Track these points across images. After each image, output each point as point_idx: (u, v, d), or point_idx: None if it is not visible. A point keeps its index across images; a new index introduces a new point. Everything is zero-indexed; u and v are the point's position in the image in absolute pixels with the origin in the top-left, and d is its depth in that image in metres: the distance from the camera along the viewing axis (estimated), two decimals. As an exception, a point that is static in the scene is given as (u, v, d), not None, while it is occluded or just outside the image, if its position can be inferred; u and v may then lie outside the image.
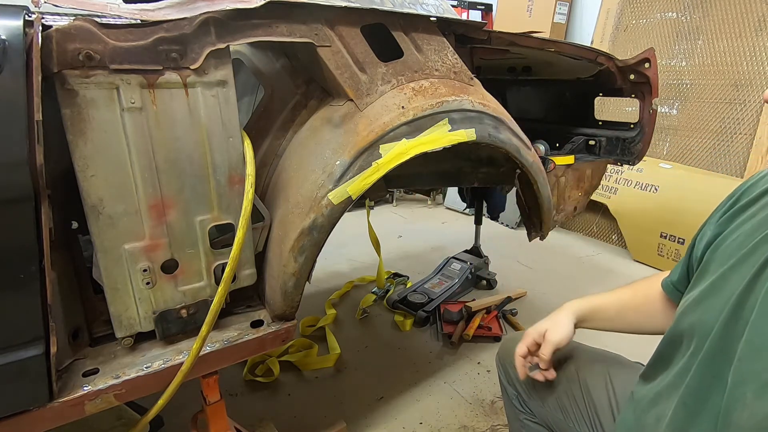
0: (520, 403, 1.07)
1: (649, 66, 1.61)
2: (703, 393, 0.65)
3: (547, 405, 1.01)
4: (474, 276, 2.55)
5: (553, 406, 1.00)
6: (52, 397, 0.80)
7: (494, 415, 1.64)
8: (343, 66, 1.02)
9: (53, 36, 0.72)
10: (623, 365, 0.98)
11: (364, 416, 1.62)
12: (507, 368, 1.09)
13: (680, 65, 3.01)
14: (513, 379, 1.08)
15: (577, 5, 3.84)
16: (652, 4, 3.15)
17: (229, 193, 0.93)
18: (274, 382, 1.76)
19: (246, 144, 0.93)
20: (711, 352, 0.65)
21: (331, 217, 0.98)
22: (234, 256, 0.89)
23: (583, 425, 0.96)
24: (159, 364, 0.90)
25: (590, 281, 2.70)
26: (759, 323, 0.60)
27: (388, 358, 1.95)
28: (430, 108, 1.06)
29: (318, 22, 0.99)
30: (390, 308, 2.31)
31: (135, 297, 0.88)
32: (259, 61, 1.26)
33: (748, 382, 0.59)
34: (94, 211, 0.80)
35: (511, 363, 1.08)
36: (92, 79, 0.75)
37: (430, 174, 1.51)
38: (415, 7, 1.13)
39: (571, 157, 1.65)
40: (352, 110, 1.04)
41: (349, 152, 0.99)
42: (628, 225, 3.08)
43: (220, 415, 1.07)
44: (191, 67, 0.83)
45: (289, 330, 1.05)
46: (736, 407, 0.60)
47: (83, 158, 0.77)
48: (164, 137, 0.84)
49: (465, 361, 1.94)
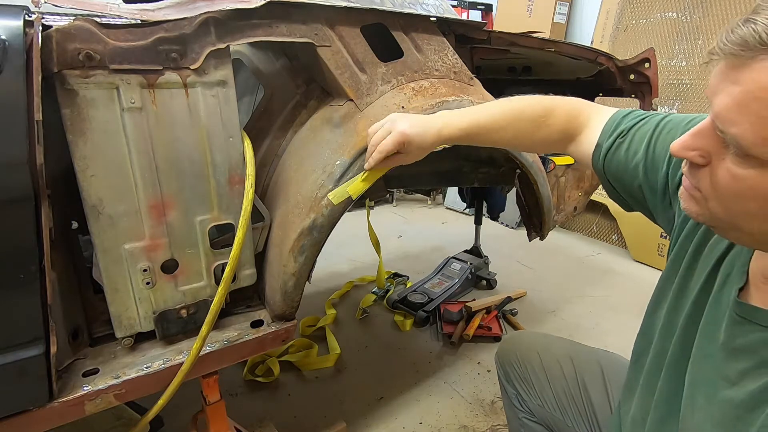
0: (519, 402, 1.07)
1: (649, 66, 1.61)
2: (672, 396, 0.65)
3: (546, 404, 1.01)
4: (474, 276, 2.55)
5: (552, 406, 1.00)
6: (52, 397, 0.80)
7: (494, 415, 1.64)
8: (343, 66, 1.02)
9: (53, 36, 0.72)
10: (622, 365, 0.98)
11: (364, 416, 1.62)
12: (506, 368, 1.09)
13: (680, 65, 3.01)
14: (512, 379, 1.08)
15: (577, 5, 3.84)
16: (652, 4, 3.15)
17: (229, 193, 0.93)
18: (274, 382, 1.76)
19: (246, 144, 0.93)
20: (676, 354, 0.65)
21: (331, 217, 0.98)
22: (234, 256, 0.89)
23: (582, 425, 0.96)
24: (159, 364, 0.90)
25: (590, 281, 2.70)
26: (706, 330, 0.61)
27: (388, 358, 1.95)
28: (430, 108, 1.06)
29: (318, 22, 0.99)
30: (390, 308, 2.31)
31: (135, 297, 0.88)
32: (259, 61, 1.26)
33: (699, 386, 0.60)
34: (94, 211, 0.80)
35: (510, 363, 1.08)
36: (92, 79, 0.75)
37: (430, 174, 1.51)
38: (415, 7, 1.13)
39: (571, 157, 1.65)
40: (352, 110, 1.04)
41: (349, 152, 0.98)
42: (628, 225, 3.08)
43: (220, 415, 1.06)
44: (191, 67, 0.83)
45: (289, 330, 1.05)
46: (688, 411, 0.60)
47: (83, 158, 0.77)
48: (164, 137, 0.84)
49: (465, 361, 1.94)
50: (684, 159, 0.52)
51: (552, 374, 1.01)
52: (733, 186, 0.47)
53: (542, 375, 1.02)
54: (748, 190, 0.46)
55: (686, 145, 0.51)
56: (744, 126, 0.43)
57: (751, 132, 0.43)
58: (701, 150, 0.50)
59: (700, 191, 0.52)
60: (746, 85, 0.43)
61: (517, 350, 1.08)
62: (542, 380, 1.02)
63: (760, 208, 0.46)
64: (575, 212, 1.79)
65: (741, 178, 0.46)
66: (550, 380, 1.01)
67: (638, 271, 2.88)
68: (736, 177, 0.46)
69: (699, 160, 0.50)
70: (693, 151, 0.50)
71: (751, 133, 0.43)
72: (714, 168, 0.49)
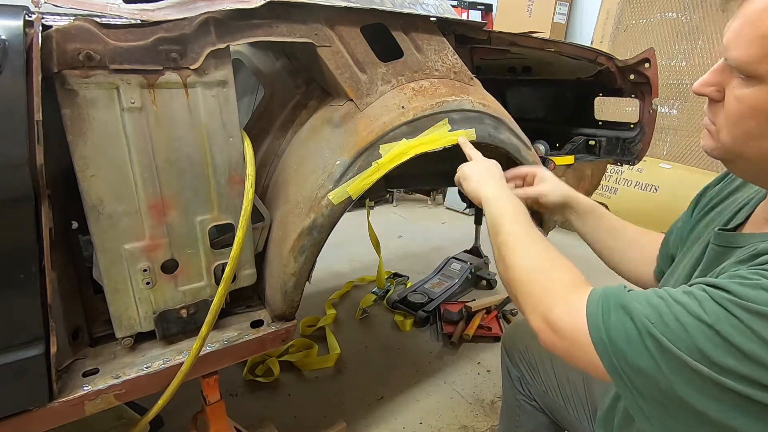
0: (522, 385, 1.10)
1: (649, 66, 1.61)
2: None
3: (550, 391, 1.03)
4: (474, 276, 2.55)
5: (555, 394, 1.02)
6: (52, 397, 0.80)
7: (494, 415, 1.64)
8: (343, 66, 1.02)
9: (53, 36, 0.72)
10: None
11: (364, 416, 1.62)
12: (513, 351, 1.12)
13: (680, 65, 3.01)
14: (518, 362, 1.10)
15: (577, 5, 3.84)
16: (652, 4, 3.15)
17: (229, 193, 0.93)
18: (274, 382, 1.76)
19: (246, 144, 0.93)
20: None
21: (331, 217, 0.98)
22: (234, 256, 0.89)
23: (582, 414, 0.97)
24: (159, 364, 0.90)
25: (590, 281, 2.69)
26: None
27: (388, 358, 1.95)
28: (430, 108, 1.06)
29: (318, 22, 0.99)
30: (390, 308, 2.31)
31: (135, 297, 0.88)
32: (259, 61, 1.26)
33: None
34: (94, 211, 0.80)
35: (518, 347, 1.10)
36: (92, 79, 0.75)
37: (430, 174, 1.51)
38: (415, 7, 1.13)
39: (571, 157, 1.65)
40: (352, 110, 1.04)
41: (349, 152, 0.98)
42: (628, 225, 3.08)
43: (220, 415, 1.06)
44: (191, 67, 0.83)
45: (289, 330, 1.05)
46: None
47: (83, 158, 0.77)
48: (164, 137, 0.83)
49: (465, 361, 1.94)
50: (704, 95, 0.60)
51: (557, 362, 1.03)
52: (737, 108, 0.55)
53: (548, 364, 1.05)
54: (748, 108, 0.54)
55: (705, 81, 0.59)
56: (740, 48, 0.53)
57: (744, 52, 0.52)
58: (717, 84, 0.58)
59: (714, 125, 0.60)
60: (743, 16, 0.53)
61: (526, 335, 1.10)
62: (548, 368, 1.04)
63: (757, 124, 0.54)
64: (575, 212, 1.79)
65: (743, 98, 0.54)
66: (555, 369, 1.03)
67: (638, 271, 2.88)
68: (739, 98, 0.55)
69: (715, 95, 0.59)
70: (710, 87, 0.59)
71: (744, 53, 0.52)
72: (726, 100, 0.57)
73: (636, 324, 0.52)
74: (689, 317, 0.49)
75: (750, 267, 0.52)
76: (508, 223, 0.77)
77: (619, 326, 0.54)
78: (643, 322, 0.52)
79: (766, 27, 0.51)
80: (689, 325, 0.49)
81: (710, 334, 0.47)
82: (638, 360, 0.51)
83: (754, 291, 0.47)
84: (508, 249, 0.73)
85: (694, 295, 0.51)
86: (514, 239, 0.74)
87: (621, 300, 0.55)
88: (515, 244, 0.73)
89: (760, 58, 0.51)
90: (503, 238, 0.75)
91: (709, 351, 0.47)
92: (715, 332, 0.47)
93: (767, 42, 0.50)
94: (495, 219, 0.80)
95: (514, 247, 0.72)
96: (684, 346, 0.48)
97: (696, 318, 0.49)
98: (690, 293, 0.52)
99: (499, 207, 0.81)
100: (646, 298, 0.54)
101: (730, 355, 0.46)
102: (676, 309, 0.51)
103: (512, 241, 0.73)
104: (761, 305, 0.46)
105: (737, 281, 0.49)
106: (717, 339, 0.47)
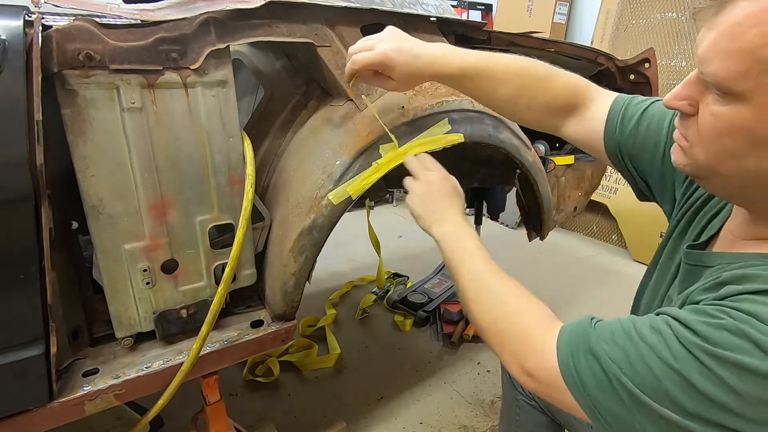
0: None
1: (649, 66, 1.61)
2: None
3: None
4: (474, 276, 2.54)
5: None
6: (52, 397, 0.80)
7: (494, 415, 1.64)
8: (343, 66, 1.02)
9: (53, 36, 0.72)
10: None
11: (364, 416, 1.62)
12: None
13: (680, 65, 3.01)
14: None
15: (577, 5, 3.84)
16: (652, 4, 3.15)
17: (229, 193, 0.93)
18: (274, 382, 1.76)
19: (246, 144, 0.93)
20: None
21: (331, 217, 0.98)
22: (234, 256, 0.90)
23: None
24: (159, 364, 0.90)
25: (590, 281, 2.70)
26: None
27: (388, 358, 1.95)
28: (430, 108, 1.06)
29: (318, 22, 0.99)
30: (390, 308, 2.31)
31: (135, 297, 0.88)
32: (259, 61, 1.26)
33: None
34: (94, 211, 0.80)
35: None
36: (92, 79, 0.75)
37: (430, 174, 1.51)
38: (415, 7, 1.13)
39: (571, 157, 1.65)
40: (352, 110, 1.04)
41: (349, 152, 0.99)
42: (628, 225, 3.08)
43: (220, 415, 1.07)
44: (191, 67, 0.83)
45: (289, 330, 1.05)
46: None
47: (83, 158, 0.77)
48: (164, 137, 0.84)
49: (465, 361, 1.94)
50: (675, 110, 0.57)
51: None
52: (713, 124, 0.51)
53: None
54: (725, 125, 0.50)
55: (676, 95, 0.55)
56: (716, 63, 0.48)
57: (721, 67, 0.47)
58: (689, 99, 0.54)
59: (687, 140, 0.56)
60: (717, 28, 0.48)
61: None
62: None
63: (734, 142, 0.50)
64: (575, 212, 1.79)
65: (719, 115, 0.50)
66: None
67: (638, 271, 2.87)
68: (715, 114, 0.50)
69: (688, 109, 0.55)
70: (682, 101, 0.55)
71: (722, 68, 0.47)
72: (700, 115, 0.53)
73: (605, 370, 0.53)
74: (656, 360, 0.50)
75: (713, 301, 0.52)
76: (465, 269, 0.74)
77: (588, 372, 0.54)
78: (612, 369, 0.52)
79: (747, 40, 0.45)
80: (657, 369, 0.49)
81: (677, 380, 0.48)
82: (611, 405, 0.52)
83: (718, 332, 0.47)
84: (471, 300, 0.71)
85: (662, 334, 0.51)
86: (476, 286, 0.71)
87: (587, 344, 0.56)
88: (477, 294, 0.70)
89: (739, 74, 0.46)
90: (464, 284, 0.72)
91: (676, 396, 0.48)
92: (682, 378, 0.48)
93: (748, 57, 0.45)
94: (449, 263, 0.77)
95: (477, 298, 0.70)
96: (652, 392, 0.49)
97: (663, 362, 0.49)
98: (657, 331, 0.52)
99: (449, 250, 0.77)
100: (614, 337, 0.54)
101: (696, 401, 0.47)
102: (644, 351, 0.51)
103: (473, 290, 0.71)
104: (726, 350, 0.46)
105: (702, 320, 0.49)
106: (684, 384, 0.47)
